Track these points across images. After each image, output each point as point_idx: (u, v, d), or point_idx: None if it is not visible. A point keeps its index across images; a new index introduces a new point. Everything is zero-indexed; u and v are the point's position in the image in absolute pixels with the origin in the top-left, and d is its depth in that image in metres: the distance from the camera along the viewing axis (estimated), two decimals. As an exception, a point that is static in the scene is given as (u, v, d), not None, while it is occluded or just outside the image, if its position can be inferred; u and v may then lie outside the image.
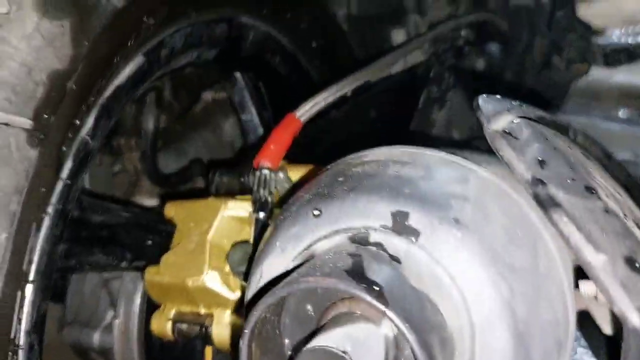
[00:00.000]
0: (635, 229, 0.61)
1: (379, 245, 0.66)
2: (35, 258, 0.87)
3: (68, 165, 0.92)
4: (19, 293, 0.85)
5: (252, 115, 1.59)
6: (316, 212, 0.71)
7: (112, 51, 0.94)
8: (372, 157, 0.80)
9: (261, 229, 1.01)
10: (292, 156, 1.09)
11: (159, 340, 1.39)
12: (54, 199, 0.90)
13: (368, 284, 0.58)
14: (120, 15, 0.92)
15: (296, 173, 1.06)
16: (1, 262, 0.80)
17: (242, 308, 0.77)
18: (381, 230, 0.67)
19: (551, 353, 0.67)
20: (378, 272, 0.61)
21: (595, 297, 0.75)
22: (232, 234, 1.06)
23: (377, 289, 0.58)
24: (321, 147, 1.38)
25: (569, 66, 2.01)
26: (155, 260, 1.08)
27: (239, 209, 1.07)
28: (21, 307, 0.85)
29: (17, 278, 0.84)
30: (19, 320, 0.85)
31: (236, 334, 1.02)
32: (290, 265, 0.70)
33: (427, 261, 0.65)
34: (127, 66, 0.99)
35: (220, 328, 1.03)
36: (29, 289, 0.86)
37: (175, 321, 1.07)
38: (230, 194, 1.13)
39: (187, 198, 1.14)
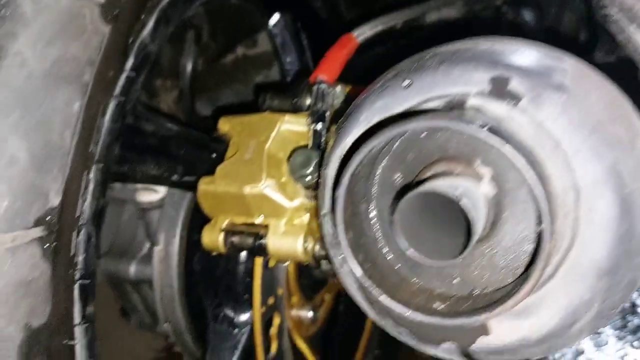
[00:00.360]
0: None
1: (476, 109, 0.65)
2: (101, 139, 0.85)
3: (131, 59, 0.92)
4: (86, 173, 0.83)
5: (293, 57, 1.58)
6: (406, 83, 0.69)
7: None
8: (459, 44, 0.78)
9: (317, 139, 1.00)
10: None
11: (200, 269, 1.38)
12: (119, 87, 0.89)
13: (485, 125, 0.56)
14: None
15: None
16: (72, 132, 0.78)
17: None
18: (478, 95, 0.65)
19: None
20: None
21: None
22: (288, 148, 1.04)
23: (495, 129, 0.56)
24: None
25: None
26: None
27: (296, 123, 1.05)
28: (86, 188, 0.83)
29: (85, 157, 0.83)
30: (83, 202, 0.84)
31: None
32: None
33: (529, 125, 0.63)
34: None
35: (276, 238, 1.01)
36: (95, 171, 0.85)
37: (227, 233, 1.05)
38: (283, 114, 1.11)
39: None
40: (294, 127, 1.05)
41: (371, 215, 0.68)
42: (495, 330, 0.65)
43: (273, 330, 1.28)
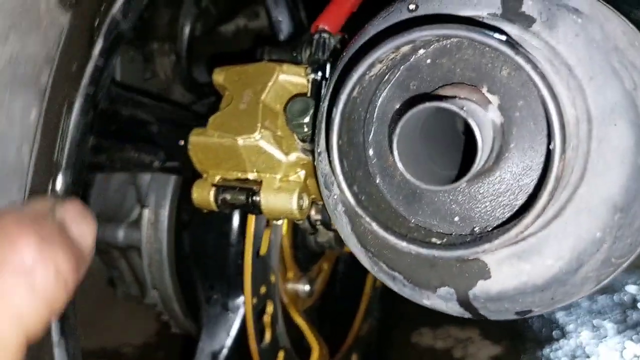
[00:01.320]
0: None
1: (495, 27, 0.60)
2: (68, 144, 0.77)
3: (100, 43, 0.82)
4: (50, 185, 0.75)
5: (284, 14, 1.52)
6: (412, 6, 0.65)
7: None
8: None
9: (317, 90, 0.96)
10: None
11: (189, 233, 1.34)
12: (86, 78, 0.80)
13: (494, 33, 0.51)
14: None
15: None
16: (31, 144, 0.69)
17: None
18: (489, 18, 0.61)
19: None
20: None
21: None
22: (286, 99, 0.99)
23: (505, 37, 0.51)
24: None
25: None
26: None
27: (294, 74, 1.00)
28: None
29: (48, 167, 0.74)
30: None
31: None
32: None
33: (541, 48, 0.58)
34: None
35: (270, 194, 0.96)
36: (60, 181, 0.76)
37: (219, 189, 1.00)
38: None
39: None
40: (292, 78, 1.00)
41: (368, 147, 0.63)
42: (496, 274, 0.60)
43: (266, 319, 1.23)
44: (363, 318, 1.63)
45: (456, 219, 0.60)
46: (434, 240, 0.57)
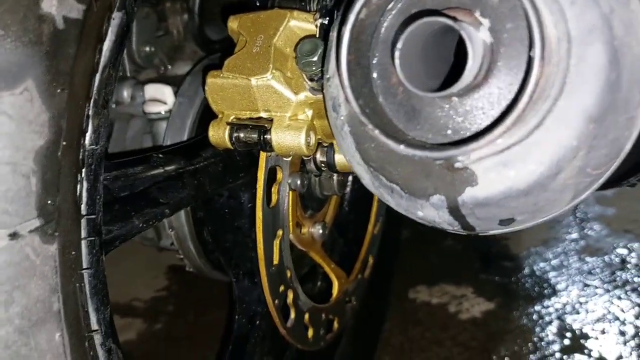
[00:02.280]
0: None
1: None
2: None
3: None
4: None
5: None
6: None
7: None
8: None
9: (325, 34, 1.03)
10: None
11: (207, 226, 1.40)
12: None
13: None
14: None
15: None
16: None
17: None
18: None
19: (636, 89, 0.68)
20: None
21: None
22: (295, 43, 1.07)
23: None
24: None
25: None
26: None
27: (304, 20, 1.08)
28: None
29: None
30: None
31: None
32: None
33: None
34: None
35: (280, 131, 1.05)
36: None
37: (233, 127, 1.08)
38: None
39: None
40: (302, 24, 1.07)
41: (373, 69, 0.71)
42: (483, 181, 0.68)
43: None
44: (374, 221, 1.69)
45: (449, 132, 0.68)
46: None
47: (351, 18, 0.62)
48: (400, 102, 0.70)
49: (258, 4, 1.40)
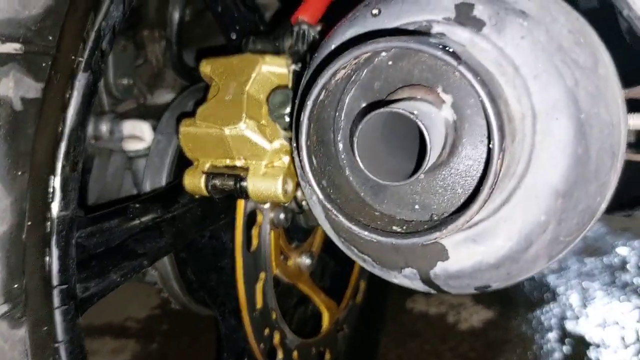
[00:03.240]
0: None
1: (441, 35, 0.66)
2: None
3: None
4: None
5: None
6: (375, 12, 0.70)
7: None
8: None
9: (297, 80, 1.01)
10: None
11: (190, 265, 1.39)
12: None
13: (441, 45, 0.57)
14: None
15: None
16: None
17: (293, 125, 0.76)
18: (444, 22, 0.66)
19: (606, 157, 0.66)
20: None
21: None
22: (268, 89, 1.05)
23: (450, 49, 0.57)
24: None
25: None
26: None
27: (276, 65, 1.06)
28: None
29: None
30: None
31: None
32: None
33: (490, 50, 0.64)
34: None
35: (256, 179, 1.03)
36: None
37: (209, 176, 1.07)
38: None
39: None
40: (274, 68, 1.05)
41: (337, 143, 0.69)
42: (453, 255, 0.67)
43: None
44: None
45: (417, 207, 0.66)
46: (395, 227, 0.63)
47: (309, 105, 0.61)
48: (366, 177, 0.68)
49: (234, 38, 1.38)
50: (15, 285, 0.74)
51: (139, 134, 1.41)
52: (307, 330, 1.49)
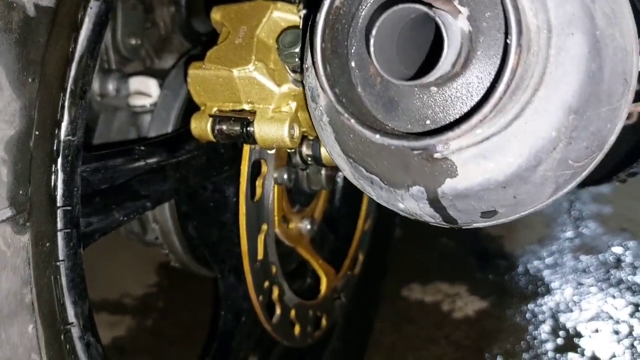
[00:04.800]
0: None
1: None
2: None
3: None
4: None
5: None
6: None
7: None
8: None
9: (306, 23, 1.01)
10: None
11: (192, 222, 1.39)
12: None
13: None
14: None
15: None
16: None
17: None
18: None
19: (619, 81, 0.67)
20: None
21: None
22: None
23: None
24: None
25: None
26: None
27: (288, 11, 1.06)
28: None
29: None
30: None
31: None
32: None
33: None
34: None
35: (263, 124, 1.03)
36: None
37: (215, 119, 1.07)
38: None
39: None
40: (285, 15, 1.05)
41: (351, 59, 0.69)
42: (462, 172, 0.66)
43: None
44: (365, 217, 1.68)
45: (428, 122, 0.67)
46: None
47: (325, 5, 0.61)
48: (378, 92, 0.68)
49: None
50: (21, 192, 0.74)
51: (145, 90, 1.41)
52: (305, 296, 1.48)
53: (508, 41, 0.54)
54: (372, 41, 0.58)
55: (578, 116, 0.63)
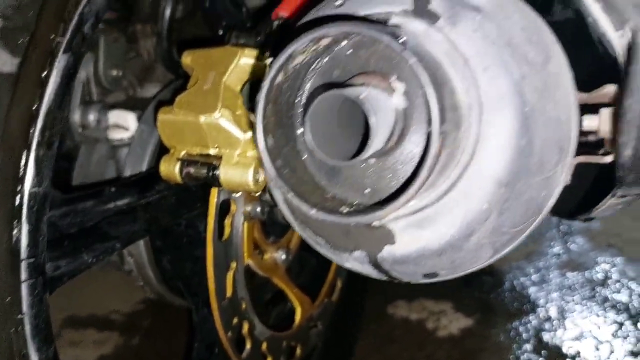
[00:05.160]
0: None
1: (397, 27, 0.68)
2: None
3: None
4: None
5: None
6: (339, 2, 0.73)
7: None
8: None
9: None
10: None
11: (166, 256, 1.42)
12: None
13: (391, 31, 0.60)
14: None
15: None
16: None
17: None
18: (402, 14, 0.69)
19: (552, 151, 0.69)
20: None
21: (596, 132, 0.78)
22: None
23: (399, 36, 0.60)
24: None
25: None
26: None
27: (255, 57, 1.09)
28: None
29: None
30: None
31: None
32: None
33: (443, 42, 0.67)
34: None
35: (228, 168, 1.05)
36: None
37: (183, 162, 1.09)
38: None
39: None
40: (252, 61, 1.08)
41: (296, 128, 0.72)
42: (399, 240, 0.69)
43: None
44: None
45: (367, 191, 0.69)
46: (342, 209, 0.66)
47: (265, 85, 0.63)
48: (321, 161, 0.71)
49: (221, 33, 1.42)
50: (-20, 249, 0.76)
51: (123, 123, 1.43)
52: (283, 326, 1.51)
53: (429, 130, 0.57)
54: (307, 124, 0.61)
55: (509, 189, 0.66)
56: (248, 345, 1.28)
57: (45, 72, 0.88)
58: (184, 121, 1.07)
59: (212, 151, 1.08)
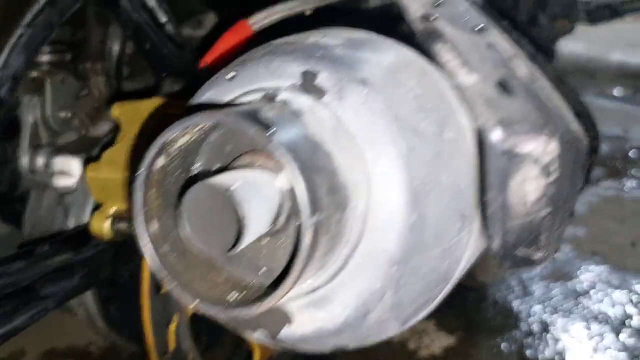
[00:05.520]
0: (517, 61, 0.60)
1: (284, 102, 0.66)
2: None
3: None
4: None
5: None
6: (230, 75, 0.71)
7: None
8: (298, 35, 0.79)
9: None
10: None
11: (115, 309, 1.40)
12: None
13: (256, 121, 0.57)
14: None
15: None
16: None
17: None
18: (290, 88, 0.67)
19: (451, 221, 0.67)
20: (273, 120, 0.61)
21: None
22: (175, 134, 1.06)
23: (267, 127, 0.57)
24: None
25: (554, 22, 2.01)
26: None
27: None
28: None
29: None
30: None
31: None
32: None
33: (328, 118, 0.64)
34: None
35: (158, 224, 1.03)
36: None
37: (115, 219, 1.07)
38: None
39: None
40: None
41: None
42: (298, 320, 0.67)
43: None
44: None
45: (262, 271, 0.67)
46: (232, 295, 0.64)
47: (143, 173, 0.61)
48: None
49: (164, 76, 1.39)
50: None
51: (68, 170, 1.41)
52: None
53: (298, 223, 0.54)
54: (184, 214, 0.59)
55: (402, 266, 0.63)
56: (199, 397, 1.26)
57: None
58: (110, 179, 1.05)
59: (143, 207, 1.06)
